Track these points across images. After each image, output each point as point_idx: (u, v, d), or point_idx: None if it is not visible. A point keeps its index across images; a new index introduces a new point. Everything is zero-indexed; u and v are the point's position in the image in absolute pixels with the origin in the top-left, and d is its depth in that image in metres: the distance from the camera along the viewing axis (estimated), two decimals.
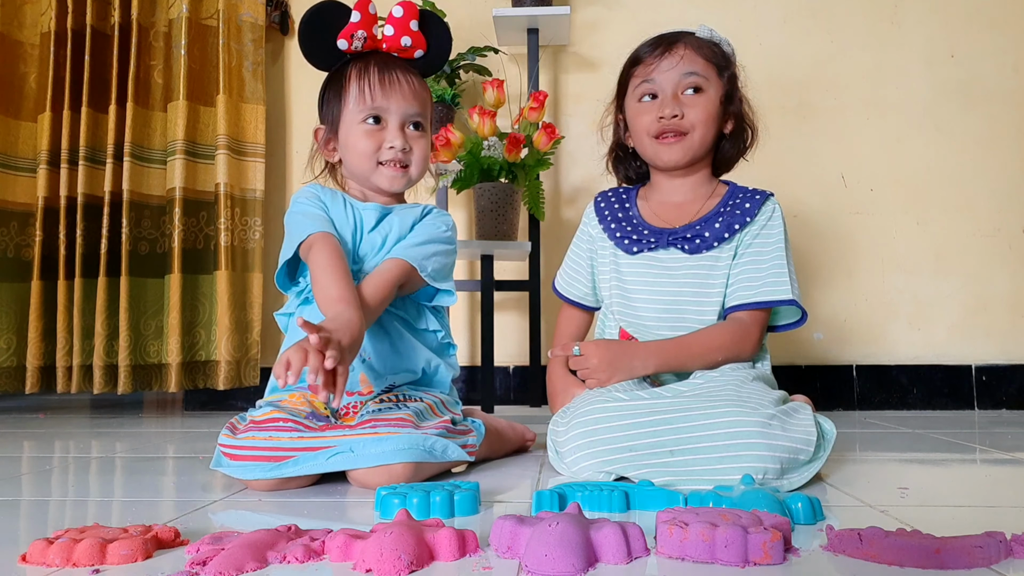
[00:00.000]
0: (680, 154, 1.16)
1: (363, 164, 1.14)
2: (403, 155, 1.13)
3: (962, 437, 1.37)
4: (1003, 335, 1.92)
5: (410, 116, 1.13)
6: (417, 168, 1.15)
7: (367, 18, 1.13)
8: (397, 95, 1.12)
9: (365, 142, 1.12)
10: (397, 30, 1.14)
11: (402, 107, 1.12)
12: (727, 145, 1.22)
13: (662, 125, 1.15)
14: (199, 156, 2.02)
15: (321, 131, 1.20)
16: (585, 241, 1.28)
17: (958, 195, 1.95)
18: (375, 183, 1.15)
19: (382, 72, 1.12)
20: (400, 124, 1.13)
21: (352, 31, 1.12)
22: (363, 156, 1.13)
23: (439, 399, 1.07)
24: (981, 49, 1.96)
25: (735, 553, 0.57)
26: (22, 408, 2.20)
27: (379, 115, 1.12)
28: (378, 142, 1.12)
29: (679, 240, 1.15)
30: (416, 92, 1.14)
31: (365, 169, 1.14)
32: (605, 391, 1.01)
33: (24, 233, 2.06)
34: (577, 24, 2.03)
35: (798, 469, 0.89)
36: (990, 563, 0.56)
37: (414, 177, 1.16)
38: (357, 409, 1.05)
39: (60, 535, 0.62)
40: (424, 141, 1.15)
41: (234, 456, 0.92)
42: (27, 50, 2.11)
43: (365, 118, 1.12)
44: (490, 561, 0.59)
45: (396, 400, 1.02)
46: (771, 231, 1.15)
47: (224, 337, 1.94)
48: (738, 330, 1.11)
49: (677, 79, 1.16)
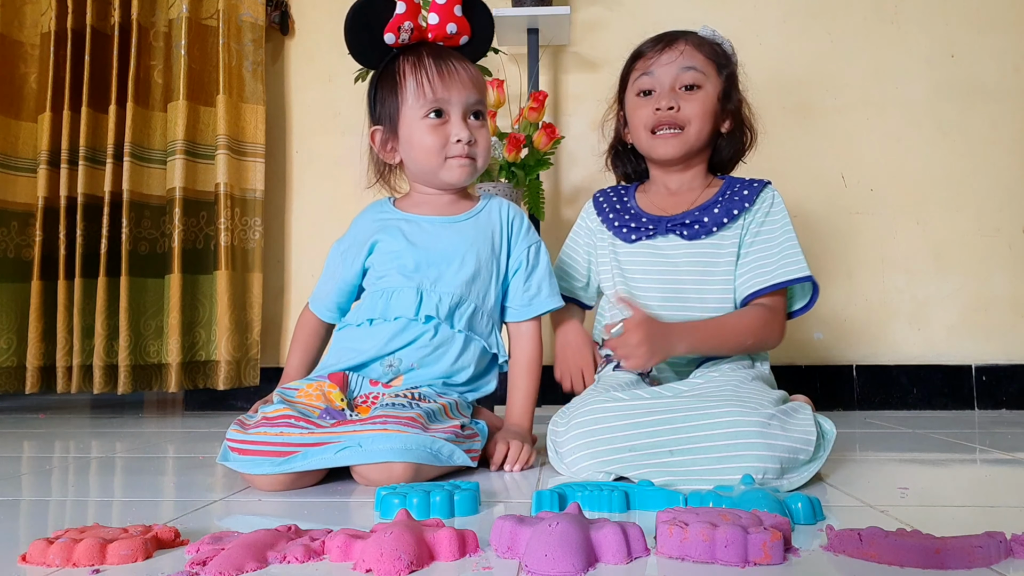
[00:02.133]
0: (675, 148, 1.16)
1: (431, 161, 1.11)
2: (469, 147, 1.10)
3: (962, 437, 1.37)
4: (1003, 335, 1.92)
5: (471, 106, 1.11)
6: (483, 158, 1.13)
7: (412, 8, 1.10)
8: (457, 85, 1.09)
9: (431, 138, 1.09)
10: (442, 17, 1.11)
11: (463, 97, 1.09)
12: (724, 144, 1.22)
13: (658, 117, 1.16)
14: (199, 156, 2.02)
15: (378, 132, 1.15)
16: (583, 235, 1.27)
17: (958, 195, 1.95)
18: (443, 179, 1.12)
19: (438, 63, 1.09)
20: (463, 115, 1.10)
21: (399, 23, 1.09)
22: (430, 152, 1.10)
23: (454, 401, 1.06)
24: (981, 49, 1.96)
25: (735, 553, 0.57)
26: (22, 408, 2.20)
27: (441, 108, 1.09)
28: (444, 136, 1.09)
29: (677, 227, 1.15)
30: (474, 80, 1.11)
31: (433, 165, 1.11)
32: (604, 391, 1.00)
33: (24, 233, 2.06)
34: (577, 24, 2.03)
35: (798, 469, 0.89)
36: (990, 563, 0.56)
37: (480, 168, 1.14)
38: (376, 400, 1.04)
39: (60, 535, 0.62)
40: (486, 130, 1.13)
41: (243, 451, 0.91)
42: (27, 50, 2.11)
43: (427, 112, 1.09)
44: (490, 561, 0.59)
45: (411, 398, 1.02)
46: (775, 217, 1.16)
47: (224, 337, 1.94)
48: (765, 315, 1.12)
49: (675, 73, 1.16)
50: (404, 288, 1.10)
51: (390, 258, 1.13)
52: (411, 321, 1.08)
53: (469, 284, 1.11)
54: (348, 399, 1.04)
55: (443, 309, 1.09)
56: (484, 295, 1.13)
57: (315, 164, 2.11)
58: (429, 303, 1.09)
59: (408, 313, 1.08)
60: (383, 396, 1.04)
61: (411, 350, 1.09)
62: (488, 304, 1.13)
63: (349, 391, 1.06)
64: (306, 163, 2.12)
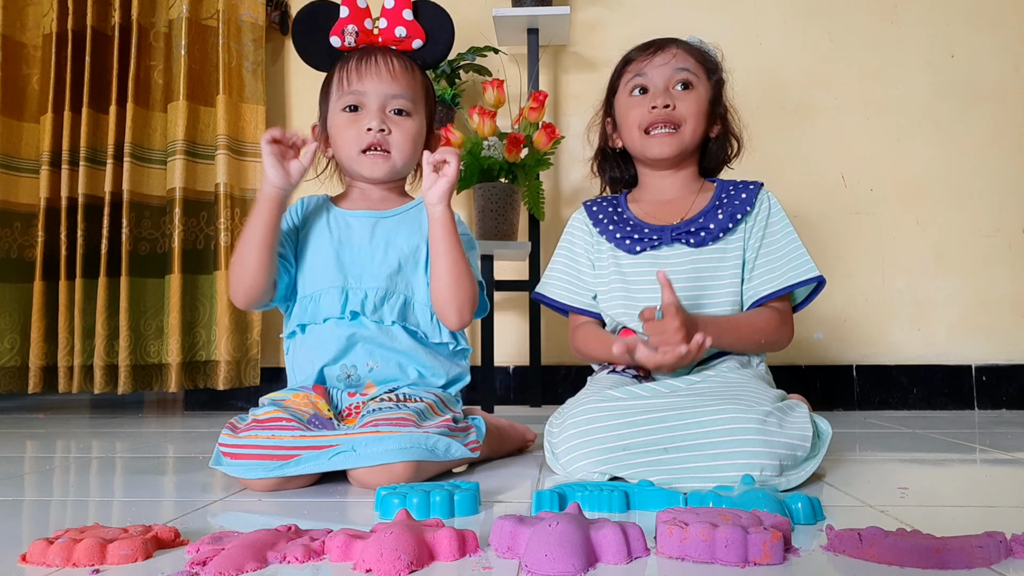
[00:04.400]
0: (670, 147, 1.17)
1: (348, 153, 1.11)
2: (381, 137, 1.08)
3: (962, 437, 1.37)
4: (1003, 335, 1.92)
5: (390, 98, 1.09)
6: (400, 153, 1.10)
7: (356, 12, 1.11)
8: (373, 77, 1.08)
9: (347, 131, 1.10)
10: (391, 21, 1.12)
11: (379, 89, 1.08)
12: (715, 148, 1.23)
13: (654, 115, 1.16)
14: (199, 156, 2.02)
15: (317, 128, 1.18)
16: (583, 247, 1.24)
17: (958, 195, 1.95)
18: (360, 173, 1.12)
19: (360, 58, 1.10)
20: (379, 107, 1.09)
21: (342, 27, 1.11)
22: (346, 145, 1.10)
23: (439, 398, 1.07)
24: (981, 49, 1.96)
25: (735, 553, 0.57)
26: (22, 408, 2.21)
27: (357, 102, 1.09)
28: (358, 129, 1.09)
29: (683, 235, 1.15)
30: (396, 74, 1.10)
31: (350, 159, 1.11)
32: (599, 392, 1.00)
33: (27, 234, 2.07)
34: (577, 24, 2.03)
35: (797, 466, 0.89)
36: (990, 563, 0.56)
37: (398, 163, 1.11)
38: (359, 410, 1.04)
39: (60, 535, 0.62)
40: (408, 124, 1.11)
41: (235, 455, 0.91)
42: (30, 52, 2.11)
43: (344, 106, 1.10)
44: (490, 561, 0.59)
45: (396, 400, 1.02)
46: (775, 219, 1.17)
47: (224, 337, 1.94)
48: (776, 317, 1.13)
49: (669, 74, 1.17)
50: (329, 289, 1.08)
51: (314, 249, 1.11)
52: (339, 320, 1.07)
53: (393, 276, 1.10)
54: (334, 411, 1.04)
55: (369, 305, 1.07)
56: (413, 286, 1.11)
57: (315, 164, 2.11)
58: (355, 300, 1.07)
59: (335, 313, 1.07)
60: (368, 404, 1.03)
61: (356, 352, 1.07)
62: (420, 295, 1.11)
63: (333, 405, 1.06)
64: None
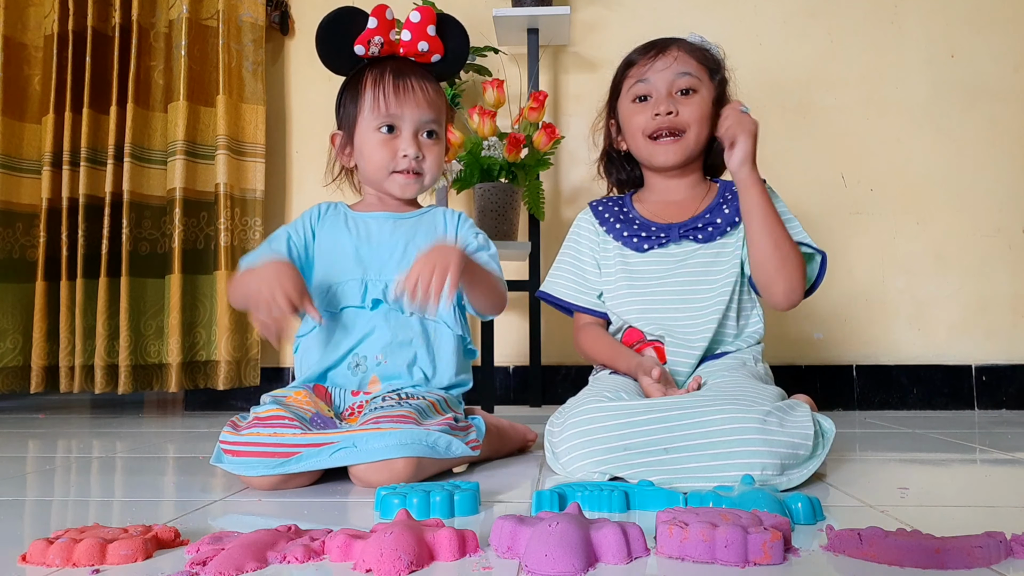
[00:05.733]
0: (676, 155, 1.17)
1: (378, 172, 1.15)
2: (416, 163, 1.14)
3: (962, 437, 1.37)
4: (1003, 335, 1.91)
5: (424, 124, 1.14)
6: (430, 175, 1.17)
7: (384, 24, 1.13)
8: (411, 103, 1.12)
9: (379, 151, 1.14)
10: (414, 35, 1.14)
11: (416, 115, 1.13)
12: (719, 146, 1.23)
13: (657, 123, 1.16)
14: (199, 156, 2.02)
15: (338, 136, 1.20)
16: (588, 247, 1.25)
17: (958, 195, 1.95)
18: (387, 190, 1.17)
19: (396, 80, 1.13)
20: (414, 132, 1.14)
21: (369, 37, 1.13)
22: (378, 164, 1.14)
23: (441, 397, 1.07)
24: (981, 49, 1.96)
25: (735, 553, 0.57)
26: (23, 408, 2.21)
27: (393, 124, 1.13)
28: (392, 151, 1.13)
29: (691, 232, 1.17)
30: (431, 100, 1.14)
31: (379, 177, 1.16)
32: (600, 392, 1.00)
33: (29, 234, 2.07)
34: (577, 24, 2.03)
35: (798, 466, 0.89)
36: (990, 563, 0.56)
37: (427, 184, 1.18)
38: (362, 409, 1.05)
39: (60, 535, 0.62)
40: (438, 148, 1.17)
41: (236, 452, 0.91)
42: (31, 52, 2.11)
43: (379, 126, 1.13)
44: (490, 561, 0.59)
45: (398, 399, 1.03)
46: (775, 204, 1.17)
47: (224, 337, 1.94)
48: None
49: (671, 78, 1.17)
50: (349, 280, 1.11)
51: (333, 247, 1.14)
52: (358, 309, 1.09)
53: None
54: (335, 413, 1.05)
55: (390, 295, 1.09)
56: None
57: (315, 164, 2.11)
58: (375, 290, 1.10)
59: (355, 302, 1.10)
60: (368, 403, 1.04)
61: (370, 342, 1.09)
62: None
63: (334, 406, 1.07)
64: (306, 163, 2.13)
